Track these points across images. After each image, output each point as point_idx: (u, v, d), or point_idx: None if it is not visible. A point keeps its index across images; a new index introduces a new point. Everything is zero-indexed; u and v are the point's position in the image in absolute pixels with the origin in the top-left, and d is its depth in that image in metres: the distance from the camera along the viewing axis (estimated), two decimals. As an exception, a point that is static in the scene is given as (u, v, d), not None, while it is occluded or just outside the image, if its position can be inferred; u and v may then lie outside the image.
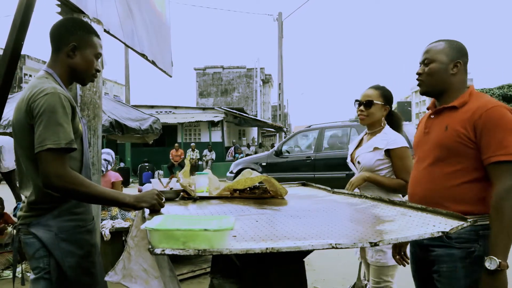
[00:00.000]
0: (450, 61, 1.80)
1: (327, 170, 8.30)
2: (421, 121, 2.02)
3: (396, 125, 2.53)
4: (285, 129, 24.78)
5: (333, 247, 1.23)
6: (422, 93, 1.93)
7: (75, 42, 1.74)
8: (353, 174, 2.54)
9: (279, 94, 20.42)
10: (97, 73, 1.85)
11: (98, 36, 1.83)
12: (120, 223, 4.38)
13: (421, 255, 1.87)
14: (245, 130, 26.31)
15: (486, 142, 1.64)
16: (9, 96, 2.28)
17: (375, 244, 1.25)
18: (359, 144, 2.57)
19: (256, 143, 26.18)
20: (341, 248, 1.24)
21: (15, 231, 1.75)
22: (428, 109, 1.96)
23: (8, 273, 4.36)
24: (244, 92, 39.43)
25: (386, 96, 2.47)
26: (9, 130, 4.76)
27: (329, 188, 2.47)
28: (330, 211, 1.84)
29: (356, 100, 2.52)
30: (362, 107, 2.46)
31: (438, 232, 1.34)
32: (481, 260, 1.62)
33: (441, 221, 1.48)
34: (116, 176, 4.74)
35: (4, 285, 4.09)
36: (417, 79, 1.90)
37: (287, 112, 44.65)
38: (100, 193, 1.64)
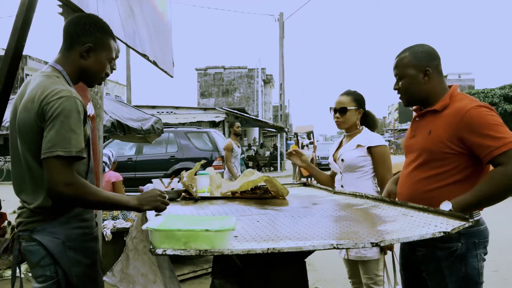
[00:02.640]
0: (419, 72, 1.84)
1: (147, 171, 9.21)
2: (410, 124, 2.09)
3: (371, 124, 2.70)
4: (286, 130, 24.76)
5: (334, 248, 1.23)
6: (405, 106, 2.01)
7: (91, 44, 1.66)
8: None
9: (280, 94, 20.42)
10: (106, 77, 1.79)
11: (115, 39, 1.76)
12: (121, 223, 4.38)
13: (409, 253, 1.94)
14: (246, 131, 26.31)
15: (478, 141, 1.66)
16: (11, 97, 2.28)
17: (377, 245, 1.25)
18: (340, 145, 2.73)
19: (257, 144, 26.19)
20: (343, 248, 1.25)
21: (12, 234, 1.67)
22: (414, 110, 2.02)
23: (10, 274, 4.37)
24: (245, 92, 39.43)
25: (358, 100, 2.64)
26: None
27: (330, 189, 2.48)
28: (332, 211, 1.84)
29: (331, 108, 2.69)
30: (337, 114, 2.63)
31: (440, 232, 1.34)
32: (464, 258, 1.72)
33: (443, 221, 1.48)
34: (116, 176, 4.72)
35: (5, 285, 4.10)
36: (397, 93, 1.98)
37: (288, 112, 44.65)
38: (105, 199, 1.59)
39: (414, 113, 2.00)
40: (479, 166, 1.75)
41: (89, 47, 1.66)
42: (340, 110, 2.62)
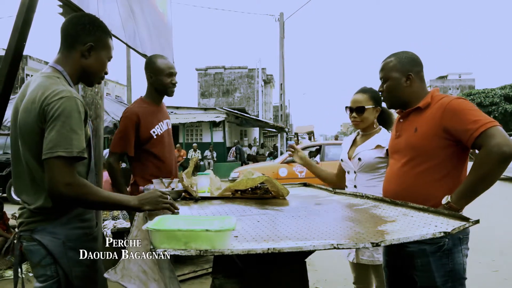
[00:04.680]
0: (402, 75, 1.97)
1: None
2: (394, 126, 2.17)
3: (388, 121, 2.61)
4: (286, 130, 24.75)
5: (334, 248, 1.23)
6: (389, 108, 2.15)
7: (92, 43, 1.68)
8: None
9: (281, 94, 20.42)
10: (105, 76, 1.81)
11: (112, 38, 1.81)
12: (121, 223, 4.38)
13: (395, 250, 1.98)
14: (246, 131, 26.31)
15: (461, 127, 1.75)
16: (11, 96, 2.28)
17: (377, 245, 1.25)
18: (354, 143, 2.61)
19: (257, 144, 26.20)
20: (343, 248, 1.24)
21: (15, 239, 1.65)
22: (397, 113, 2.11)
23: (10, 273, 4.37)
24: (246, 92, 39.44)
25: (375, 97, 2.50)
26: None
27: (330, 189, 2.47)
28: (332, 211, 1.84)
29: (347, 107, 2.55)
30: (354, 114, 2.50)
31: (440, 232, 1.34)
32: (450, 254, 1.79)
33: (443, 221, 1.48)
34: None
35: (6, 285, 4.10)
36: (381, 96, 2.10)
37: (289, 112, 44.68)
38: (106, 198, 1.59)
39: (397, 115, 2.09)
40: (461, 159, 1.85)
41: (90, 46, 1.68)
42: (357, 110, 2.48)
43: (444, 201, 1.74)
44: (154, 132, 2.74)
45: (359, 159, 2.46)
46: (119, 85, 36.81)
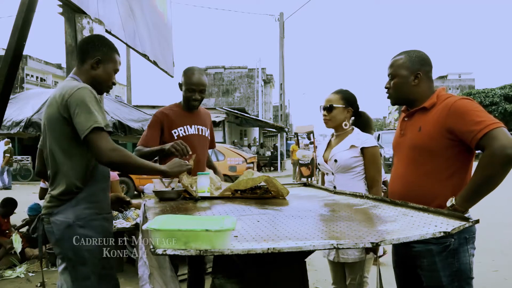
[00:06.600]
0: (411, 73, 1.95)
1: None
2: (398, 124, 2.15)
3: (364, 125, 2.63)
4: (286, 129, 24.74)
5: (334, 248, 1.23)
6: (392, 105, 2.12)
7: (99, 57, 1.98)
8: None
9: (281, 94, 20.44)
10: (113, 85, 2.09)
11: (119, 54, 2.08)
12: (121, 223, 4.38)
13: (403, 250, 1.98)
14: (246, 130, 26.31)
15: (465, 128, 1.73)
16: (11, 96, 2.28)
17: (377, 245, 1.25)
18: (329, 145, 2.67)
19: (257, 143, 26.19)
20: (343, 248, 1.25)
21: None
22: (402, 112, 2.10)
23: (10, 273, 4.38)
24: (246, 92, 39.45)
25: (346, 99, 2.57)
26: (13, 130, 4.74)
27: (330, 189, 2.47)
28: (332, 211, 1.84)
29: (321, 106, 2.64)
30: (325, 112, 2.59)
31: (440, 232, 1.34)
32: (456, 253, 1.79)
33: (443, 221, 1.48)
34: (112, 176, 4.70)
35: (6, 285, 4.10)
36: (386, 92, 2.07)
37: (289, 112, 44.68)
38: (143, 163, 1.90)
39: (402, 114, 2.07)
40: (467, 159, 1.83)
41: (98, 60, 1.98)
42: (327, 108, 2.57)
43: (448, 203, 1.74)
44: (175, 133, 2.91)
45: (335, 160, 2.51)
46: (119, 84, 36.78)
